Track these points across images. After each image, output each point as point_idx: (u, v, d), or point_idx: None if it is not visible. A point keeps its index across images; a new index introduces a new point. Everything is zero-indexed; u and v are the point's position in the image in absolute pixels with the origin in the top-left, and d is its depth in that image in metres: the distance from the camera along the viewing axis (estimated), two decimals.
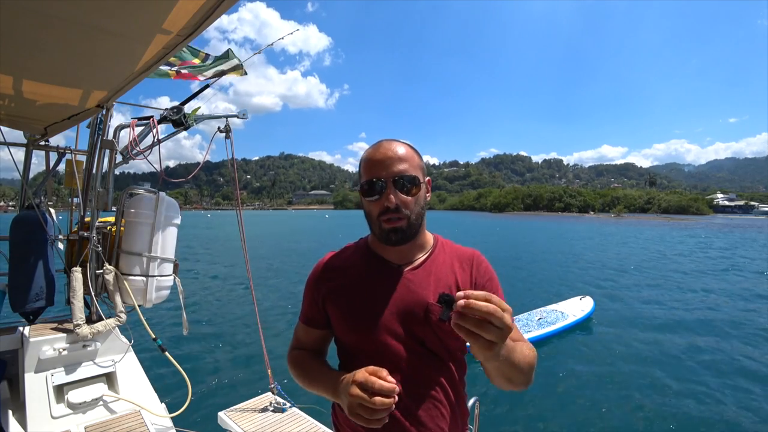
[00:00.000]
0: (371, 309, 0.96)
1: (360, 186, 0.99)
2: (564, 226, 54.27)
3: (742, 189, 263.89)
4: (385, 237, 0.96)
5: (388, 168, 0.94)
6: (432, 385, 0.95)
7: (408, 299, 0.96)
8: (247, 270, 3.25)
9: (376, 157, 0.96)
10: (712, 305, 10.04)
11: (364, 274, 1.01)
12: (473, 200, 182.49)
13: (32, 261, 2.49)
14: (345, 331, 1.00)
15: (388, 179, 0.93)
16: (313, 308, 1.06)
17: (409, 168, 0.95)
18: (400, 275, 0.99)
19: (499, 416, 4.65)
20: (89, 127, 2.66)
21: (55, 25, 1.09)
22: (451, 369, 0.99)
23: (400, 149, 0.97)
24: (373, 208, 0.96)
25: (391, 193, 0.93)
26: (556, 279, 13.76)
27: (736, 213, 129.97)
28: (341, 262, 1.05)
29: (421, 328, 0.95)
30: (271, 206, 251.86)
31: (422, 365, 0.95)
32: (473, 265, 1.04)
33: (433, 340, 0.95)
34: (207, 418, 3.71)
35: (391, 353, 0.94)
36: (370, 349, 0.95)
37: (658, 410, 4.82)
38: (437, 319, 0.93)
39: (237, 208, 3.15)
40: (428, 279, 0.98)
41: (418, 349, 0.95)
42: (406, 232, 0.95)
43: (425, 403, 0.93)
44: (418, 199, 0.97)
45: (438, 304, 0.93)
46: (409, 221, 0.95)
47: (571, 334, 7.56)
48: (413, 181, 0.95)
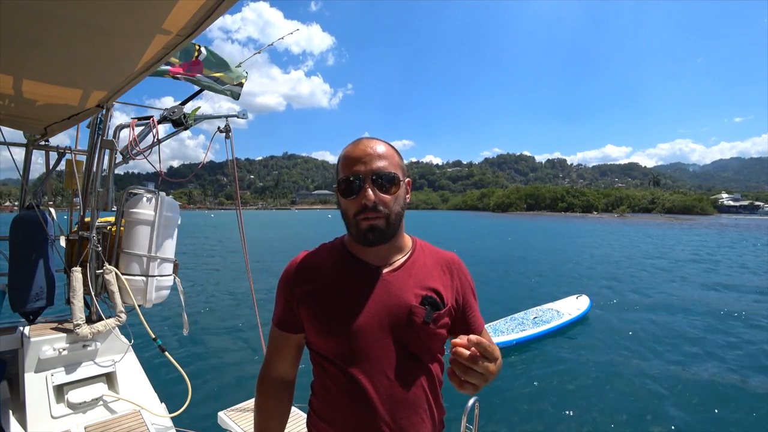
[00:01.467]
0: (350, 312, 0.92)
1: (337, 183, 0.94)
2: (565, 226, 54.11)
3: (748, 189, 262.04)
4: (362, 237, 0.92)
5: (367, 164, 0.90)
6: (414, 389, 0.93)
7: (388, 302, 0.93)
8: (247, 270, 3.24)
9: (354, 154, 0.93)
10: (709, 304, 10.05)
11: (341, 276, 0.97)
12: (476, 200, 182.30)
13: (32, 261, 2.49)
14: (321, 336, 0.95)
15: (366, 176, 0.90)
16: (287, 312, 1.01)
17: (389, 165, 0.92)
18: (379, 277, 0.95)
19: (499, 416, 4.65)
20: (89, 127, 2.66)
21: (55, 24, 1.09)
22: (432, 371, 0.98)
23: (379, 147, 0.94)
24: (350, 206, 0.92)
25: (370, 189, 0.89)
26: (554, 278, 13.79)
27: (741, 213, 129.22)
28: (316, 263, 1.00)
29: (404, 331, 0.92)
30: (275, 206, 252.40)
31: (405, 369, 0.93)
32: (454, 271, 1.04)
33: (416, 343, 0.94)
34: (207, 418, 3.71)
35: (374, 358, 0.91)
36: (350, 353, 0.91)
37: (652, 408, 4.83)
38: (422, 322, 0.92)
39: (237, 209, 3.15)
40: (408, 281, 0.96)
41: (401, 353, 0.93)
42: (384, 231, 0.91)
43: (408, 409, 0.92)
44: (397, 198, 0.94)
45: (422, 306, 0.93)
46: (388, 221, 0.91)
47: (566, 332, 7.65)
48: (392, 179, 0.92)
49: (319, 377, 0.99)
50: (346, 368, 0.91)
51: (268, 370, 1.06)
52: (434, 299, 0.95)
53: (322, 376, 0.97)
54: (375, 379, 0.90)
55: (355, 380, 0.90)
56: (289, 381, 1.07)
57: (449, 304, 0.98)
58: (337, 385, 0.93)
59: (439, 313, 0.94)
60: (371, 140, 0.96)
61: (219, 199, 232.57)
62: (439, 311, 0.94)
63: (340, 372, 0.92)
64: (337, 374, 0.93)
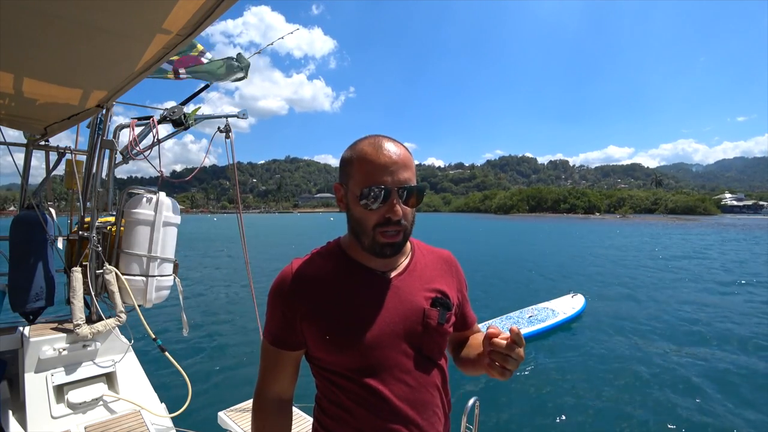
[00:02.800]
0: (364, 324, 0.87)
1: (360, 192, 0.84)
2: (566, 227, 54.08)
3: (751, 188, 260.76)
4: (378, 250, 0.87)
5: (394, 175, 0.83)
6: (431, 390, 0.93)
7: (401, 308, 0.90)
8: (247, 270, 3.25)
9: (380, 161, 0.84)
10: (703, 303, 10.10)
11: (348, 286, 0.90)
12: (478, 202, 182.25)
13: (32, 261, 2.50)
14: (332, 352, 0.89)
15: (393, 188, 0.83)
16: (285, 329, 0.92)
17: (413, 177, 0.87)
18: (388, 283, 0.92)
19: (499, 416, 4.66)
20: (89, 127, 2.67)
21: (55, 24, 1.10)
22: (443, 368, 0.98)
23: (403, 154, 0.87)
24: (371, 217, 0.85)
25: (398, 204, 0.84)
26: (550, 278, 13.92)
27: (745, 213, 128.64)
28: (315, 272, 0.92)
29: (419, 335, 0.91)
30: (277, 209, 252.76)
31: (422, 372, 0.91)
32: (452, 269, 1.05)
33: (430, 345, 0.93)
34: (207, 418, 3.70)
35: (390, 366, 0.88)
36: (366, 366, 0.87)
37: (649, 405, 4.88)
38: (437, 324, 0.92)
39: (237, 212, 3.15)
40: (415, 284, 0.94)
41: (416, 358, 0.91)
42: (401, 245, 0.89)
43: (427, 410, 0.91)
44: (414, 209, 0.90)
45: (434, 308, 0.93)
46: (405, 234, 0.88)
47: (560, 331, 7.74)
48: (419, 192, 0.87)
49: (327, 393, 0.93)
50: (362, 381, 0.87)
51: (265, 390, 0.97)
52: (444, 300, 0.95)
53: (332, 392, 0.91)
54: (395, 388, 0.87)
55: (375, 392, 0.86)
56: (287, 400, 1.00)
57: (455, 302, 0.99)
58: (354, 401, 0.88)
59: (450, 313, 0.95)
60: (391, 143, 0.87)
61: (222, 203, 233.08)
62: (450, 311, 0.95)
63: (356, 386, 0.87)
64: (352, 389, 0.88)
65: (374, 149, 0.85)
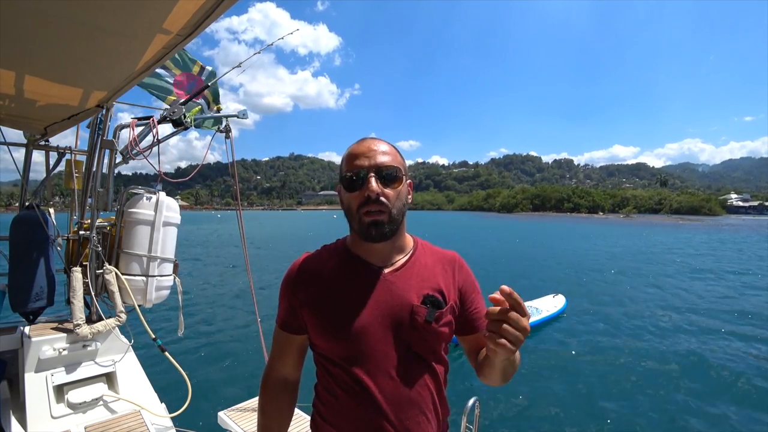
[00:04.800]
0: (353, 314, 0.93)
1: (340, 179, 0.97)
2: (566, 227, 54.08)
3: (758, 189, 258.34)
4: (364, 231, 0.92)
5: (370, 159, 0.92)
6: (419, 389, 0.93)
7: (391, 302, 0.94)
8: (247, 270, 3.24)
9: (359, 150, 0.95)
10: (688, 302, 10.27)
11: (343, 277, 0.97)
12: (482, 201, 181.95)
13: (32, 261, 2.50)
14: (325, 339, 0.95)
15: (370, 169, 0.92)
16: (290, 314, 1.02)
17: (392, 161, 0.94)
18: (381, 277, 0.96)
19: (499, 416, 4.66)
20: (89, 127, 2.67)
21: (56, 23, 1.09)
22: (436, 370, 0.98)
23: (382, 145, 0.96)
24: (354, 200, 0.93)
25: (373, 180, 0.91)
26: (536, 277, 14.02)
27: (750, 213, 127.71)
28: (318, 265, 1.01)
29: (407, 331, 0.93)
30: (280, 206, 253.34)
31: (409, 369, 0.93)
32: (455, 268, 1.04)
33: (419, 342, 0.94)
34: (207, 418, 3.71)
35: (378, 359, 0.91)
36: (354, 355, 0.92)
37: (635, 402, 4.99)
38: (423, 321, 0.92)
39: (237, 209, 3.15)
40: (410, 281, 0.97)
41: (404, 353, 0.93)
42: (386, 226, 0.92)
43: (413, 408, 0.92)
44: (400, 195, 0.94)
45: (423, 305, 0.93)
46: (390, 216, 0.92)
47: (544, 329, 7.90)
48: (395, 173, 0.93)
49: (323, 380, 0.99)
50: (350, 370, 0.92)
51: (272, 371, 1.08)
52: (435, 298, 0.95)
53: (327, 379, 0.97)
54: (379, 380, 0.90)
55: (360, 382, 0.90)
56: (292, 382, 1.09)
57: (451, 303, 0.98)
58: (342, 387, 0.93)
59: (441, 312, 0.94)
60: (375, 139, 0.98)
61: (225, 200, 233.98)
62: (440, 310, 0.94)
63: (344, 374, 0.93)
64: (341, 376, 0.93)
65: (356, 144, 0.97)
